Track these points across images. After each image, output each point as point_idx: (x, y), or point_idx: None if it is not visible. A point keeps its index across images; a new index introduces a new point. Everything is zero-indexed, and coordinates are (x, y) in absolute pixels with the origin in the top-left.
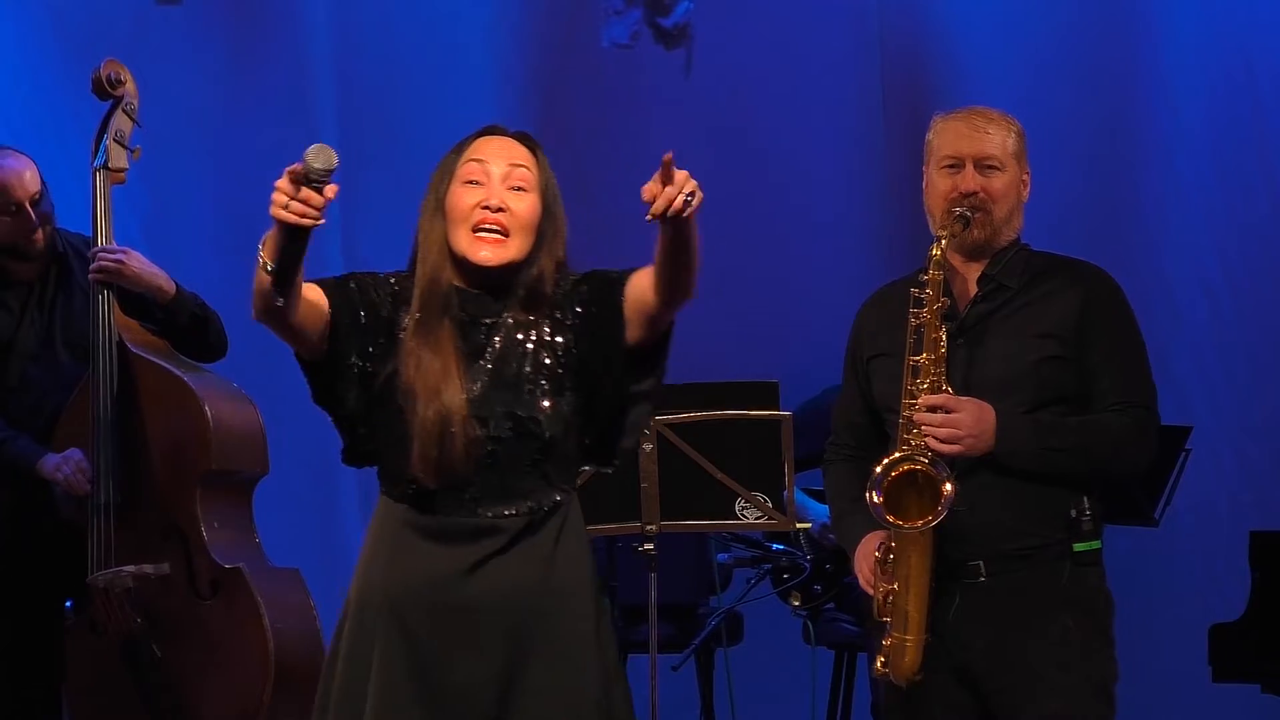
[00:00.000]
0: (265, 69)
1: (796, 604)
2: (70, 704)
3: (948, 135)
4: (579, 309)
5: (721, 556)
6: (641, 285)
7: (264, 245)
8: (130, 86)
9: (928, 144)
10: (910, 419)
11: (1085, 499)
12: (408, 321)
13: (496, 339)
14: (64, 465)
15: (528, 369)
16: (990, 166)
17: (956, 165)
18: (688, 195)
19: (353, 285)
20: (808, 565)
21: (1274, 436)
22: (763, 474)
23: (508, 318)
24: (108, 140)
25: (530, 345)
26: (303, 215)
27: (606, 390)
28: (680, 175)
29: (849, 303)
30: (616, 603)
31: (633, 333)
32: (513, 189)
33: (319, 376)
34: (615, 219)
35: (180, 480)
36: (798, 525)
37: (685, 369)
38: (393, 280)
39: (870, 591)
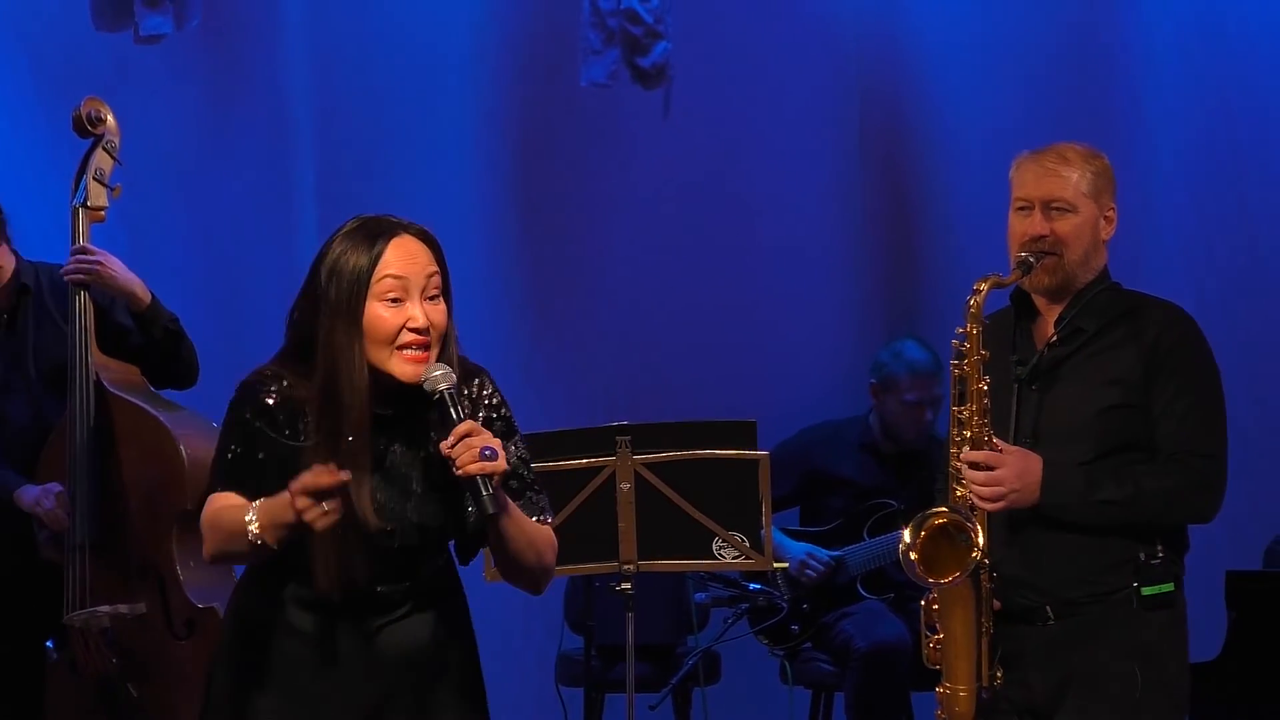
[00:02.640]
0: (243, 108)
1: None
2: None
3: (1021, 176)
4: (481, 418)
5: (699, 596)
6: None
7: (261, 525)
8: (111, 124)
9: (1010, 183)
10: (958, 470)
11: (1158, 543)
12: (313, 432)
13: (396, 447)
14: (44, 499)
15: (433, 475)
16: (1059, 209)
17: (1027, 207)
18: (484, 452)
19: (257, 443)
20: (785, 605)
21: (1247, 479)
22: (740, 513)
23: (406, 427)
24: (87, 178)
25: (432, 450)
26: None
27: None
28: (463, 427)
29: (826, 343)
30: (593, 642)
31: None
32: (429, 299)
33: None
34: (594, 259)
35: (156, 520)
36: (775, 565)
37: (663, 408)
38: (275, 394)
39: None
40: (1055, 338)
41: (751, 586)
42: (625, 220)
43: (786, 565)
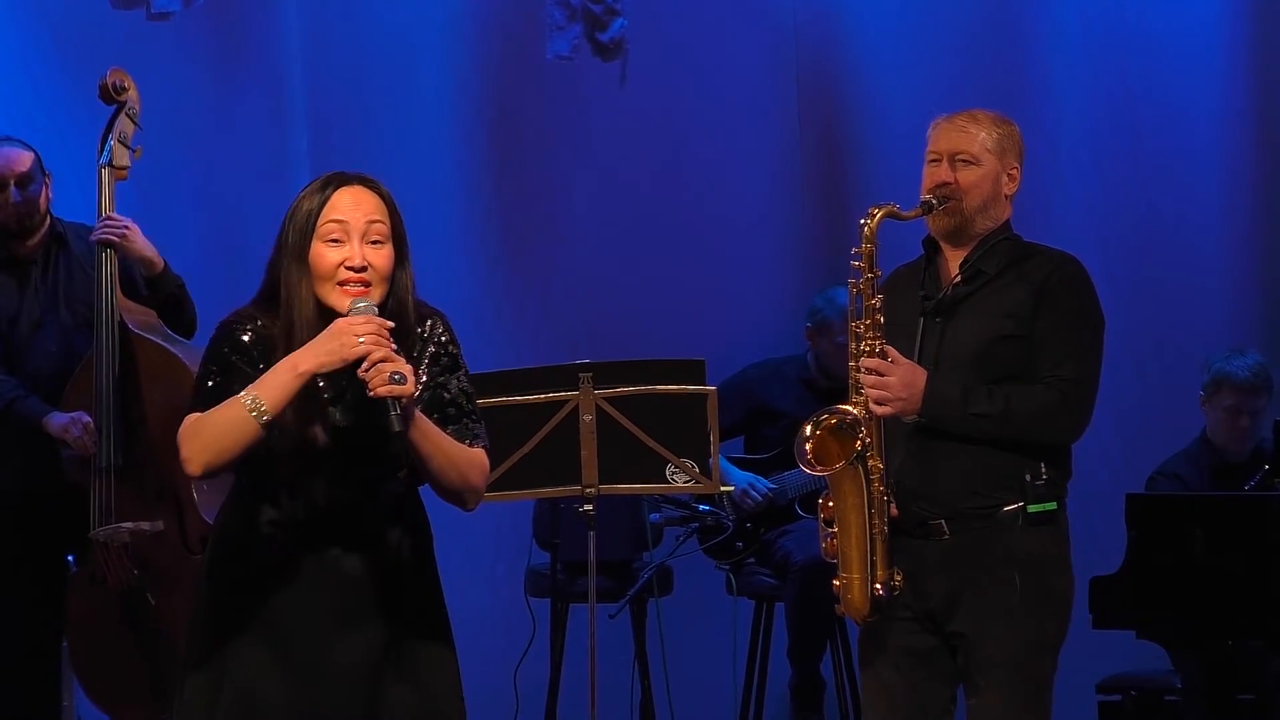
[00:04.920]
0: (244, 80)
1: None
2: (72, 651)
3: (935, 133)
4: (431, 353)
5: (654, 516)
6: None
7: (264, 395)
8: (133, 93)
9: (927, 140)
10: (857, 379)
11: (1041, 464)
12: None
13: (357, 380)
14: (72, 426)
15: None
16: (965, 161)
17: (937, 160)
18: (393, 377)
19: (233, 375)
20: (730, 524)
21: (1144, 409)
22: (690, 442)
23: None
24: (112, 140)
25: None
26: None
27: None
28: (377, 354)
29: (768, 290)
30: (559, 558)
31: None
32: (371, 243)
33: None
34: (559, 215)
35: (173, 446)
36: (721, 488)
37: (621, 348)
38: (249, 331)
39: None
40: (959, 278)
41: (701, 508)
42: (587, 180)
43: (731, 489)
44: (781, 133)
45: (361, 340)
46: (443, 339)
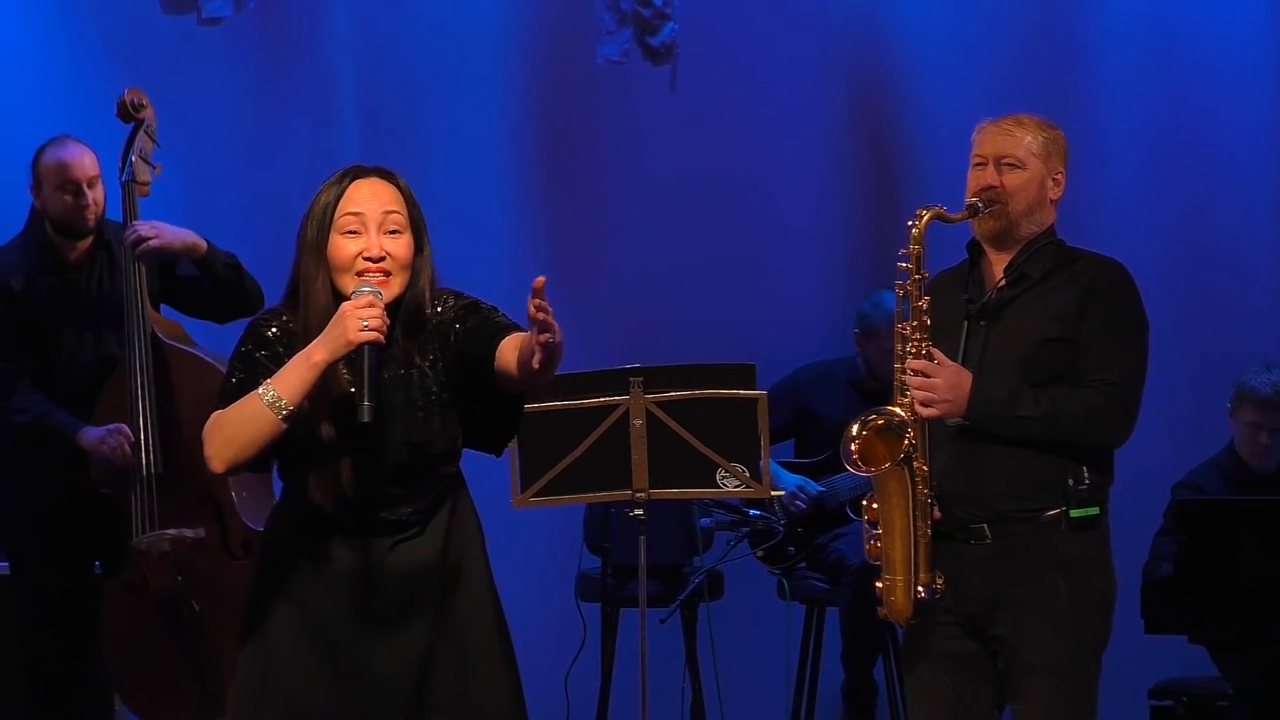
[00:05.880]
0: (294, 83)
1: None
2: (109, 661)
3: (980, 136)
4: (456, 331)
5: (704, 521)
6: (508, 351)
7: (282, 389)
8: (150, 112)
9: (972, 143)
10: (903, 381)
11: (1084, 468)
12: None
13: (382, 372)
14: (109, 438)
15: (415, 395)
16: (1010, 165)
17: (982, 163)
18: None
19: (258, 372)
20: (781, 528)
21: (1199, 417)
22: (741, 447)
23: (390, 350)
24: (134, 157)
25: (415, 373)
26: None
27: (487, 402)
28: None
29: (817, 294)
30: (610, 562)
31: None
32: (388, 233)
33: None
34: (609, 219)
35: None
36: (772, 493)
37: (671, 352)
38: (275, 327)
39: None
40: (1004, 281)
41: (751, 512)
42: (636, 183)
43: (781, 494)
44: (831, 136)
45: (365, 324)
46: (450, 303)
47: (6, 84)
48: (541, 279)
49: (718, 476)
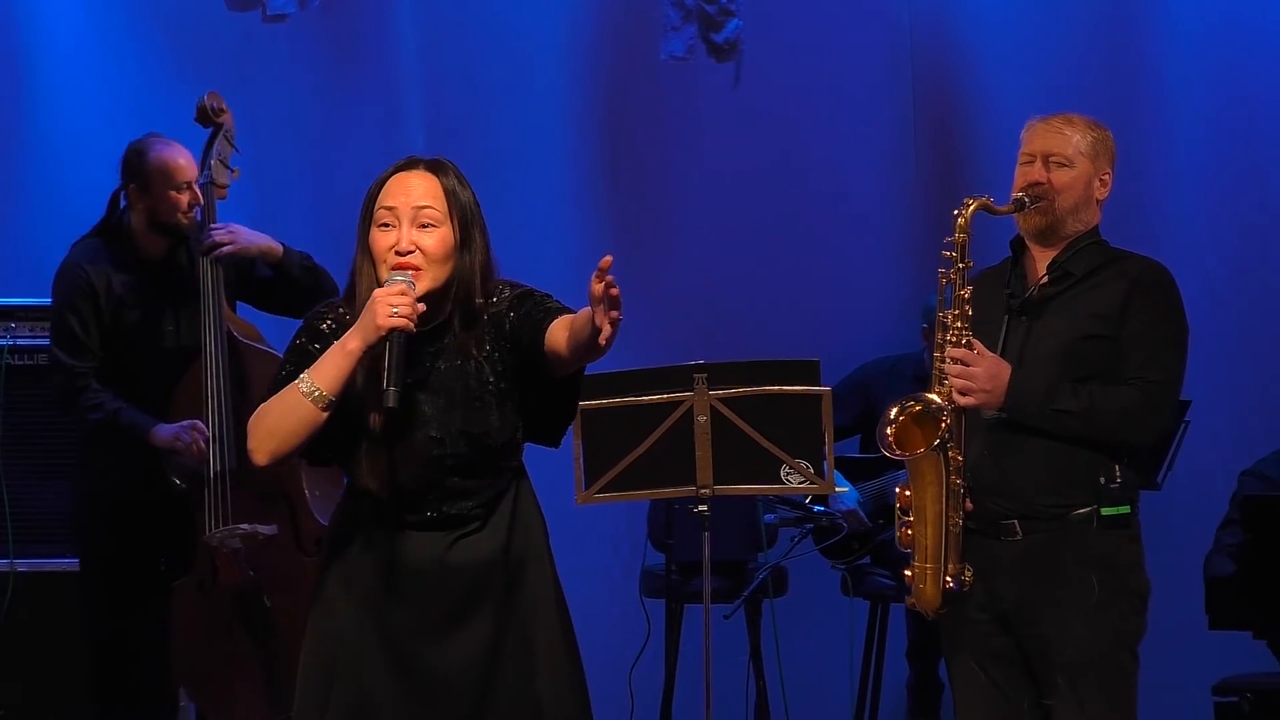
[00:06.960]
0: (359, 79)
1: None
2: (178, 658)
3: (1029, 134)
4: (510, 319)
5: (768, 517)
6: (558, 331)
7: (319, 380)
8: (229, 116)
9: (1020, 141)
10: (942, 370)
11: (1116, 466)
12: None
13: (440, 363)
14: (183, 433)
15: (473, 385)
16: (1059, 163)
17: (1030, 160)
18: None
19: (314, 347)
20: (846, 524)
21: (1262, 413)
22: (805, 443)
23: (447, 341)
24: (213, 160)
25: (472, 363)
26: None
27: (541, 391)
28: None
29: (882, 289)
30: (673, 558)
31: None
32: (421, 227)
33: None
34: (673, 215)
35: None
36: (836, 489)
37: (736, 348)
38: (330, 320)
39: None
40: (1046, 278)
41: (816, 509)
42: (700, 180)
43: (845, 490)
44: (896, 131)
45: (395, 310)
46: (505, 294)
47: (74, 81)
48: (609, 257)
49: (782, 473)
